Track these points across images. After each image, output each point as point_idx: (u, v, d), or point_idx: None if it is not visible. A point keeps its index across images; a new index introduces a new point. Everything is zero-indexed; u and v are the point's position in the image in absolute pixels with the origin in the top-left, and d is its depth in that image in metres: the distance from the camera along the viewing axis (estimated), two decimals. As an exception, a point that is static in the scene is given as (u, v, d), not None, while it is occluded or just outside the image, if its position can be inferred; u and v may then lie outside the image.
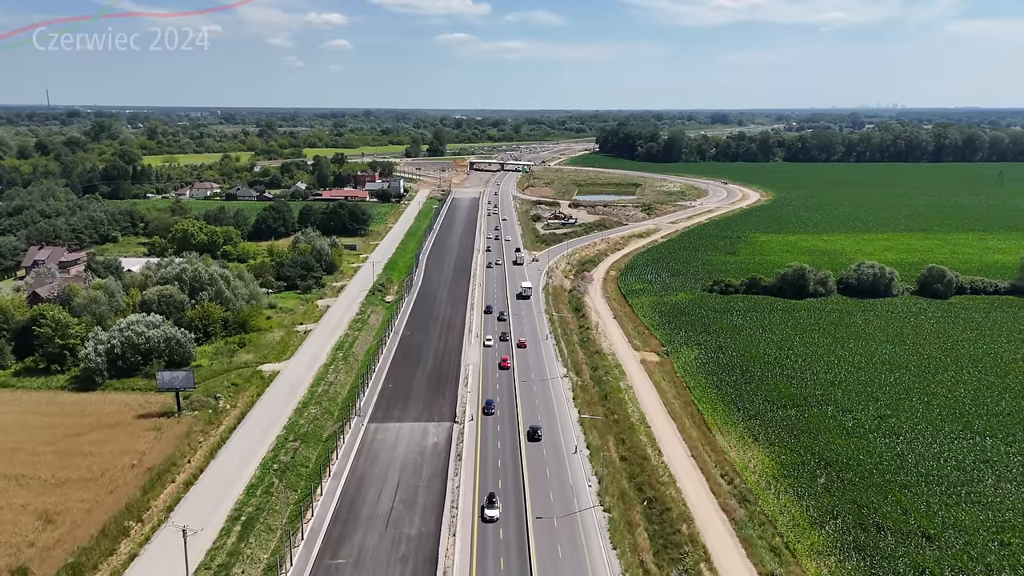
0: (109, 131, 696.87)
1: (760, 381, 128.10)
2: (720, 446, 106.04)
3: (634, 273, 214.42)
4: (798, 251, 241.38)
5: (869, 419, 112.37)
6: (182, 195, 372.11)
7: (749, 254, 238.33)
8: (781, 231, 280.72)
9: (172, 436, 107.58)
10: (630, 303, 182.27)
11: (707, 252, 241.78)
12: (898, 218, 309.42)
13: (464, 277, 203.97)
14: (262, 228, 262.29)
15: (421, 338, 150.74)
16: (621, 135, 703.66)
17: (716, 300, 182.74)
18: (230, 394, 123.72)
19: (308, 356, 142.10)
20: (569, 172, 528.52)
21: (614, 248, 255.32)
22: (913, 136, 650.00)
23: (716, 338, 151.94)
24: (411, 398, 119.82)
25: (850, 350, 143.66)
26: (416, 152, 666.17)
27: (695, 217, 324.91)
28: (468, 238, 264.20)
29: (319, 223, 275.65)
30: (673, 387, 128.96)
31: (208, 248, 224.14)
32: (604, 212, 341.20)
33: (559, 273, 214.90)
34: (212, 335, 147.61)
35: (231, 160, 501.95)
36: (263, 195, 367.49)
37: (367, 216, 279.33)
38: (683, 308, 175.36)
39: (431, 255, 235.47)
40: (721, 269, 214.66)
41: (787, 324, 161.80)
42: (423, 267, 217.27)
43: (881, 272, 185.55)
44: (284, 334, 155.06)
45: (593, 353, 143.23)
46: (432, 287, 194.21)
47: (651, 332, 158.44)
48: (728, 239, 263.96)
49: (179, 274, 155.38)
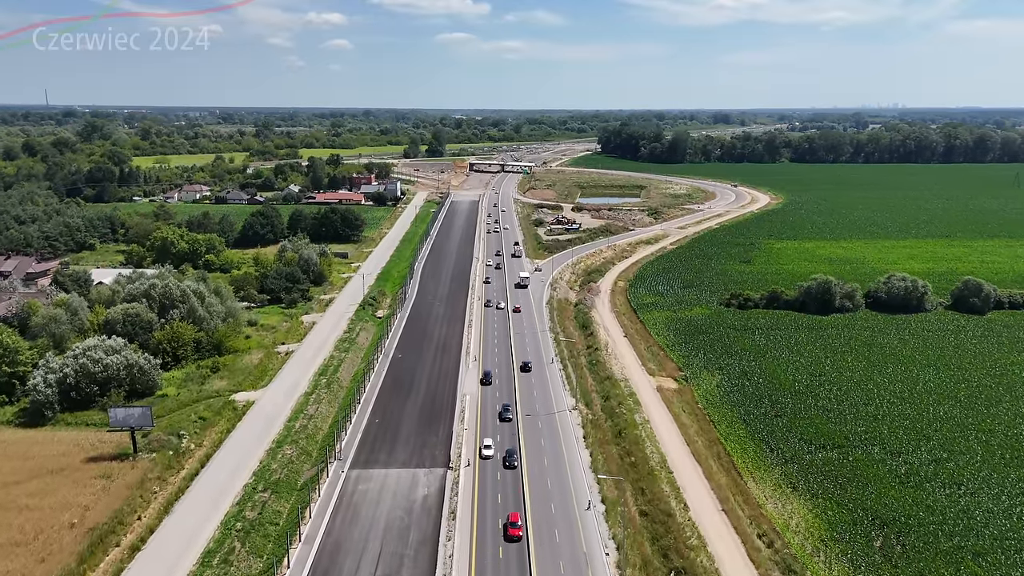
0: (101, 131, 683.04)
1: (793, 414, 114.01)
2: (754, 496, 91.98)
3: (644, 284, 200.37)
4: (816, 260, 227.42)
5: (923, 464, 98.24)
6: (170, 198, 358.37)
7: (765, 263, 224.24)
8: (796, 237, 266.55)
9: (123, 485, 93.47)
10: (641, 319, 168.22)
11: (720, 261, 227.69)
12: (917, 223, 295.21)
13: (462, 289, 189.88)
14: (249, 235, 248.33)
15: (414, 361, 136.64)
16: (624, 135, 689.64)
17: (735, 316, 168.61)
18: (196, 430, 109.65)
19: (288, 382, 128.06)
20: (571, 174, 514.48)
21: (621, 256, 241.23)
22: (923, 136, 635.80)
23: (739, 361, 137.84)
24: (400, 436, 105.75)
25: (889, 376, 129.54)
26: (415, 153, 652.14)
27: (704, 222, 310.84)
28: (467, 246, 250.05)
29: (310, 229, 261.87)
30: (695, 421, 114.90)
31: (189, 257, 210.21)
32: (609, 216, 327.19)
33: (564, 284, 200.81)
34: (182, 359, 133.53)
35: (223, 161, 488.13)
36: (254, 198, 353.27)
37: (360, 222, 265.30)
38: (700, 325, 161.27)
39: (427, 264, 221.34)
40: (737, 280, 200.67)
41: (815, 345, 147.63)
42: (418, 278, 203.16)
43: (913, 286, 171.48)
44: (263, 356, 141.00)
45: (604, 379, 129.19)
46: (427, 301, 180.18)
47: (666, 354, 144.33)
48: (741, 246, 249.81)
49: (148, 290, 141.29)
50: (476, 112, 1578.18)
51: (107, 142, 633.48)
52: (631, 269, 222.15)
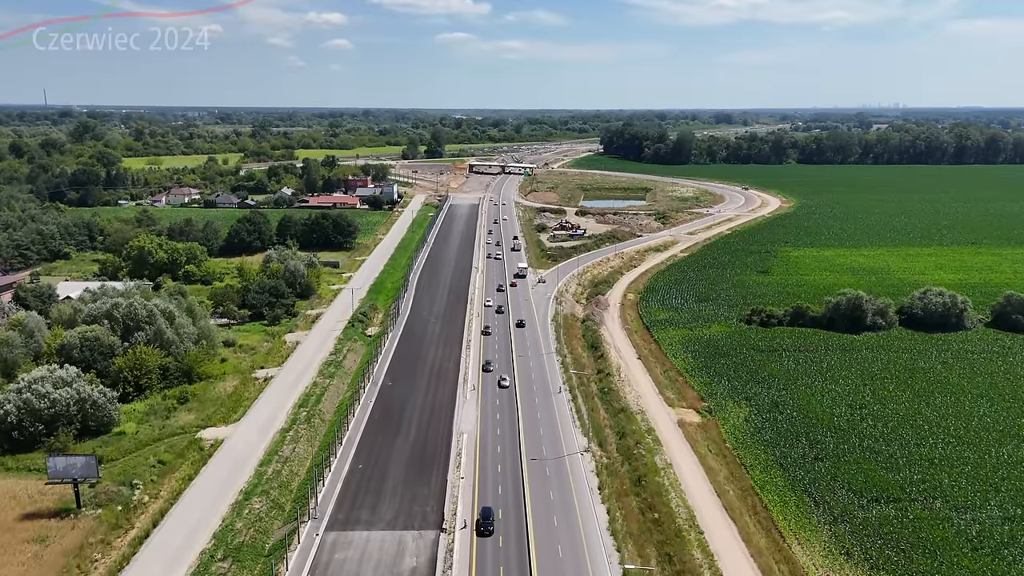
0: (93, 132, 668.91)
1: (836, 457, 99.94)
2: (801, 567, 77.93)
3: (656, 297, 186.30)
4: (838, 269, 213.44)
5: (996, 524, 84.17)
6: (157, 202, 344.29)
7: (784, 273, 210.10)
8: (814, 244, 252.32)
9: (59, 551, 79.54)
10: (655, 337, 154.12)
11: (736, 270, 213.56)
12: (939, 228, 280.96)
13: (459, 304, 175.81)
14: (235, 242, 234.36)
15: (405, 391, 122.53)
16: (627, 136, 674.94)
17: (757, 335, 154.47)
18: (154, 476, 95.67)
19: (264, 415, 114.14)
20: (574, 175, 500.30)
21: (629, 265, 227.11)
22: (933, 137, 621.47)
23: (767, 390, 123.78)
24: (385, 487, 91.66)
25: (938, 409, 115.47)
26: (413, 154, 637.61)
27: (714, 227, 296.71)
28: (465, 254, 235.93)
29: (300, 236, 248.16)
30: (724, 464, 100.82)
31: (168, 268, 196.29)
32: (614, 221, 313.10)
33: (570, 297, 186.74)
34: (146, 388, 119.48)
35: (215, 163, 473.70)
36: (244, 202, 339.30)
37: (353, 228, 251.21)
38: (720, 345, 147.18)
39: (423, 275, 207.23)
40: (756, 293, 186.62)
41: (850, 369, 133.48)
42: (412, 290, 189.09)
43: (952, 301, 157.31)
44: (239, 383, 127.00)
45: (618, 411, 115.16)
46: (422, 317, 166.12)
47: (686, 380, 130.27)
48: (757, 254, 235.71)
49: (110, 311, 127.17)
50: (476, 112, 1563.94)
51: (99, 143, 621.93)
52: (641, 280, 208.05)
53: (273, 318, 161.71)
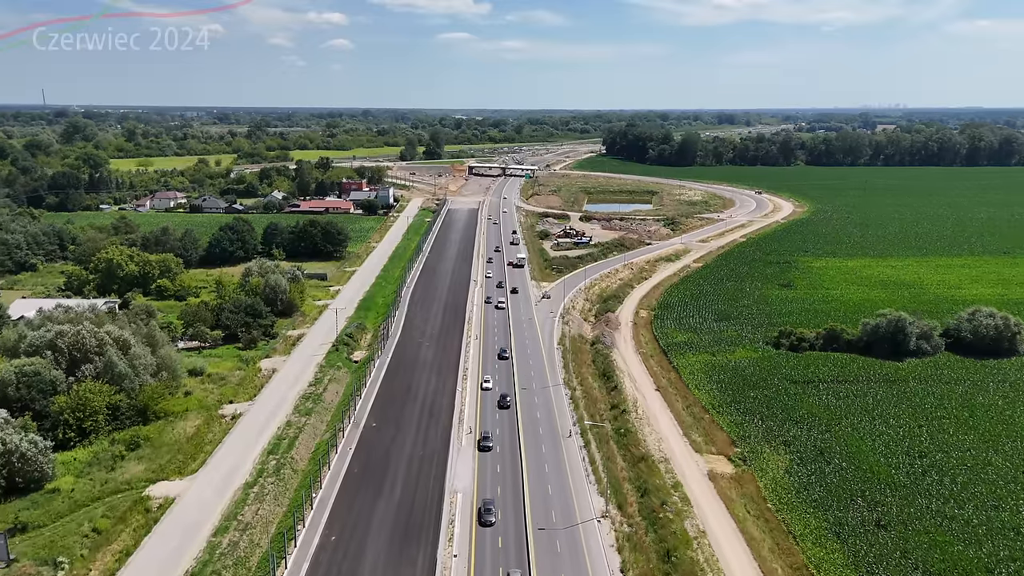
0: (84, 132, 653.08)
1: (903, 524, 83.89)
2: None
3: (671, 315, 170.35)
4: (866, 283, 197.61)
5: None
6: (141, 206, 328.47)
7: (808, 287, 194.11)
8: (836, 254, 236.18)
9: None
10: (674, 364, 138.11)
11: (756, 284, 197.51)
12: (967, 236, 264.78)
13: (456, 324, 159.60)
14: (216, 252, 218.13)
15: (391, 434, 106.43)
16: (630, 137, 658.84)
17: (788, 361, 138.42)
18: (85, 550, 79.67)
19: (226, 465, 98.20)
20: (577, 178, 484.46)
21: (640, 277, 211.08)
22: (945, 138, 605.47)
23: (807, 432, 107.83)
24: (361, 569, 75.58)
25: (1010, 458, 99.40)
26: (411, 155, 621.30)
27: (727, 234, 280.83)
28: (463, 265, 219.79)
29: (287, 244, 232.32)
30: (767, 532, 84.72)
31: (140, 282, 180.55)
32: (621, 227, 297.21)
33: (577, 315, 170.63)
34: (91, 432, 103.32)
35: (206, 165, 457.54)
36: (232, 206, 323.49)
37: (344, 236, 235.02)
38: (748, 375, 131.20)
39: (417, 290, 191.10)
40: (780, 311, 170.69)
41: (899, 406, 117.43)
42: (405, 307, 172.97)
43: (1005, 324, 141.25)
44: (202, 422, 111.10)
45: (638, 460, 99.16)
46: (414, 340, 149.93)
47: (713, 417, 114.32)
48: (776, 265, 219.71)
49: (53, 340, 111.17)
50: (477, 112, 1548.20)
51: (88, 144, 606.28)
52: (653, 294, 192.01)
53: (249, 341, 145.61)
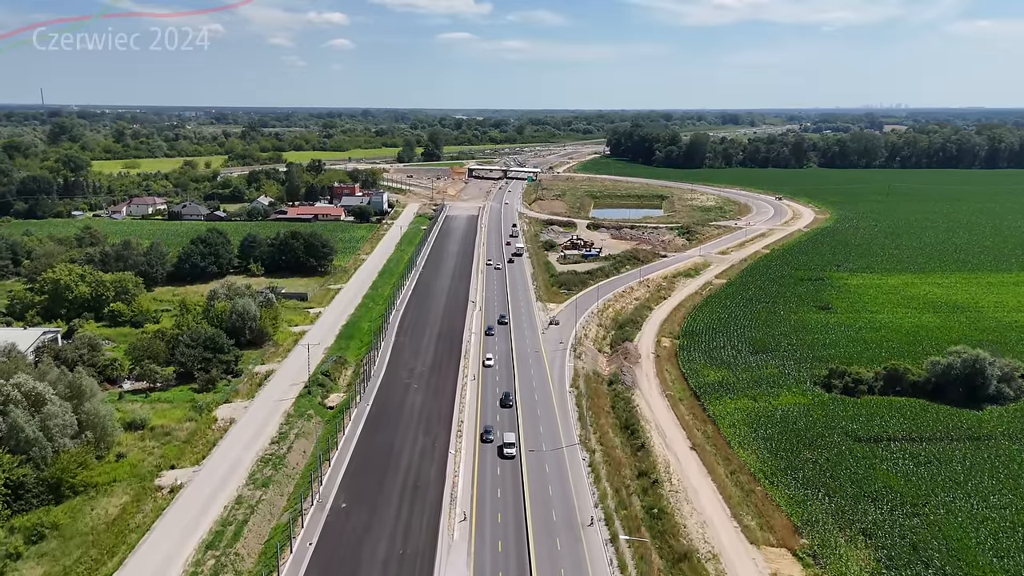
0: (70, 133, 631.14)
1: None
2: None
3: (698, 345, 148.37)
4: (913, 304, 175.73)
5: None
6: (117, 213, 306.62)
7: (849, 310, 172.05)
8: (873, 269, 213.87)
9: None
10: (709, 412, 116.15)
11: (789, 306, 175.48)
12: (1012, 249, 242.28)
13: (450, 359, 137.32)
14: (185, 268, 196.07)
15: (363, 520, 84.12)
16: (636, 137, 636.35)
17: (845, 409, 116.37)
18: None
19: (151, 567, 76.29)
20: (581, 181, 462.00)
21: (658, 296, 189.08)
22: (964, 139, 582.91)
23: (890, 514, 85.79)
24: None
25: None
26: (409, 156, 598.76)
27: (748, 244, 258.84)
28: (461, 283, 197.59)
29: (265, 258, 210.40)
30: None
31: (92, 305, 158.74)
32: (632, 236, 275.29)
33: (590, 345, 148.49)
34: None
35: (191, 167, 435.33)
36: (214, 213, 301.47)
37: (329, 249, 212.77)
38: (800, 427, 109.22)
39: (408, 312, 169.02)
40: (823, 340, 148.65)
41: (997, 475, 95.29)
42: (392, 336, 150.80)
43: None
44: (131, 498, 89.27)
45: (679, 559, 77.19)
46: (400, 380, 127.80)
47: (766, 490, 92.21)
48: (808, 283, 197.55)
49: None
50: (478, 112, 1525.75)
51: (75, 144, 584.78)
52: (675, 318, 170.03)
53: (206, 382, 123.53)
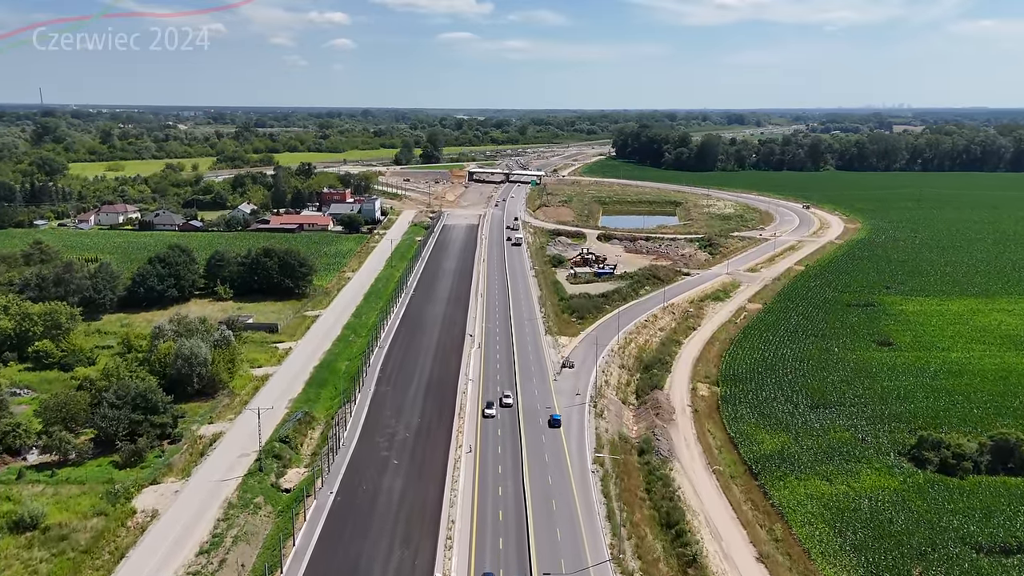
0: (54, 134, 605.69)
1: None
2: None
3: (742, 394, 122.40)
4: (988, 337, 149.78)
5: None
6: (84, 222, 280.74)
7: (915, 346, 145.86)
8: (927, 292, 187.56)
9: None
10: (772, 499, 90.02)
11: (843, 340, 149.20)
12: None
13: (441, 420, 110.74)
14: (140, 292, 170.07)
15: None
16: (644, 139, 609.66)
17: (951, 498, 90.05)
18: None
19: None
20: (588, 185, 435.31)
21: (686, 326, 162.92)
22: (989, 141, 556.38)
23: None
24: None
25: None
26: (407, 158, 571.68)
27: (778, 260, 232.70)
28: (457, 310, 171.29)
29: (235, 279, 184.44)
30: None
31: (14, 343, 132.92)
32: (649, 250, 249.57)
33: (613, 397, 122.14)
34: None
35: (173, 171, 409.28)
36: (189, 222, 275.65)
37: (307, 269, 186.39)
38: (899, 530, 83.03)
39: (393, 351, 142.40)
40: (894, 388, 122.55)
41: None
42: (372, 384, 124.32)
43: None
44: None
45: None
46: (377, 450, 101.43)
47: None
48: (858, 309, 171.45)
49: None
50: (479, 112, 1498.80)
51: (59, 146, 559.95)
52: (709, 355, 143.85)
53: (130, 455, 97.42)
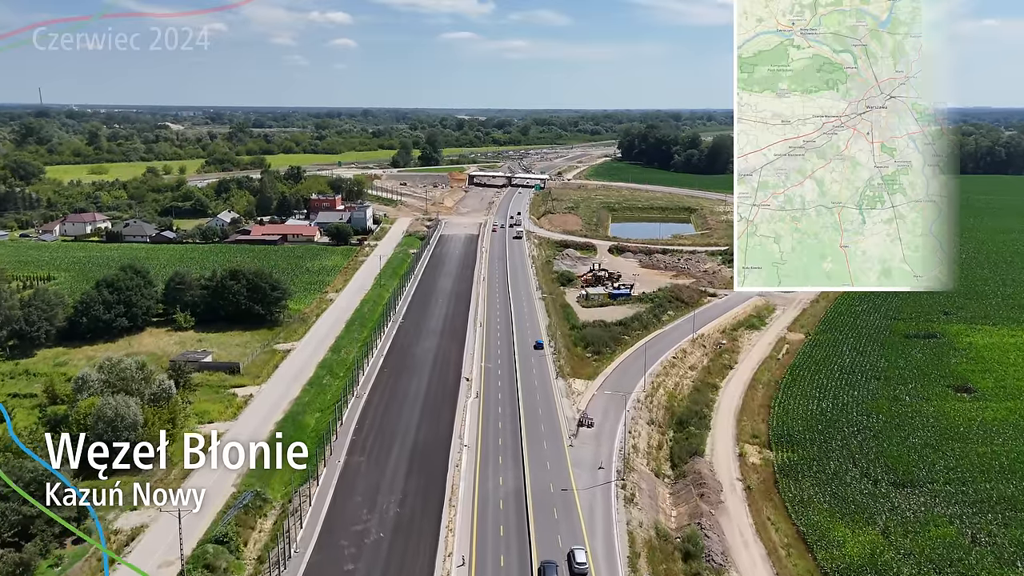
0: (38, 135, 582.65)
1: None
2: None
3: (805, 465, 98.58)
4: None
5: None
6: (48, 232, 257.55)
7: (1000, 392, 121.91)
8: (994, 319, 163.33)
9: None
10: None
11: (912, 386, 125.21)
12: None
13: (426, 510, 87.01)
14: (82, 322, 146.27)
15: None
16: (651, 140, 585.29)
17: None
18: None
19: None
20: (595, 189, 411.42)
21: (720, 363, 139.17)
22: (1015, 143, 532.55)
23: None
24: None
25: None
26: (405, 160, 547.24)
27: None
28: (451, 344, 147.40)
29: (198, 304, 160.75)
30: None
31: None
32: (667, 264, 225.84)
33: (643, 467, 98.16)
34: None
35: (154, 175, 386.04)
36: (162, 233, 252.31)
37: (280, 292, 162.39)
38: None
39: (372, 402, 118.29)
40: (995, 458, 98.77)
41: None
42: (344, 452, 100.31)
43: None
44: None
45: None
46: (340, 562, 77.70)
47: None
48: (919, 341, 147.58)
49: None
50: (481, 112, 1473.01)
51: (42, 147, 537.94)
52: (753, 404, 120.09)
53: (15, 568, 73.95)
